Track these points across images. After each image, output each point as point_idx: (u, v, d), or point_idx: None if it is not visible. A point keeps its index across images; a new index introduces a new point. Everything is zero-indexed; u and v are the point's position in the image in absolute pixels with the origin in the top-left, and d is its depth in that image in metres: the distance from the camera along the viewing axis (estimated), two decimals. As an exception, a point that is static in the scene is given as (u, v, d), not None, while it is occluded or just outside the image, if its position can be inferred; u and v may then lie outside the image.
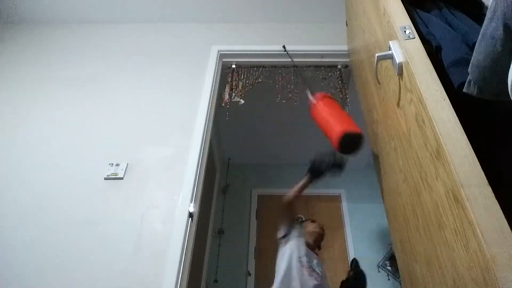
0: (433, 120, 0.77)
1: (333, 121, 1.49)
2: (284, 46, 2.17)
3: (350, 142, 1.39)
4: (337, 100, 2.24)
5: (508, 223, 0.60)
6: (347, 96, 2.23)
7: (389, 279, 3.05)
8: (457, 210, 0.67)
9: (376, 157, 1.44)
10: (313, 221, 1.97)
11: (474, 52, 0.74)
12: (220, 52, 2.17)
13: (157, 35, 2.30)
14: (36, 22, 2.36)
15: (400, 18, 1.02)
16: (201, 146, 1.73)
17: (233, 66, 2.24)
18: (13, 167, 1.69)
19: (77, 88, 2.01)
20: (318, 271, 1.66)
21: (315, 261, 1.70)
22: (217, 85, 2.07)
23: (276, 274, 1.62)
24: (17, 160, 1.71)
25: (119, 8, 2.30)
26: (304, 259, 1.63)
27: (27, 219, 1.51)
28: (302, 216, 2.02)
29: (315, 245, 1.86)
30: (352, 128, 1.39)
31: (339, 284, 2.08)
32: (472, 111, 0.85)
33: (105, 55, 2.19)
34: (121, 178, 1.62)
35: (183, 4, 2.28)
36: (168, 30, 2.32)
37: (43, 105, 1.94)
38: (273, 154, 3.69)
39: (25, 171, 1.67)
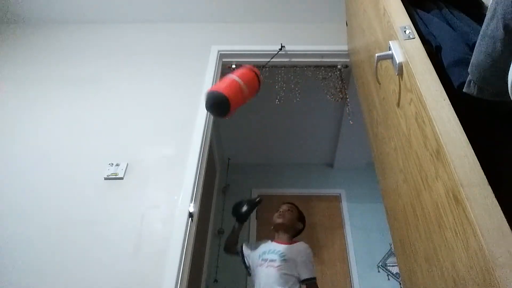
0: (433, 120, 0.77)
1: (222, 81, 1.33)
2: (282, 45, 2.16)
3: (212, 101, 1.23)
4: (337, 100, 2.25)
5: (508, 223, 0.60)
6: (347, 96, 2.24)
7: (389, 279, 3.05)
8: (457, 210, 0.67)
9: (376, 157, 1.44)
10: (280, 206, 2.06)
11: (474, 52, 0.74)
12: (220, 52, 2.17)
13: (157, 35, 2.30)
14: (36, 22, 2.36)
15: (400, 18, 1.02)
16: (201, 146, 1.73)
17: (233, 66, 2.24)
18: (13, 167, 1.69)
19: (77, 88, 2.01)
20: (274, 258, 1.74)
21: (274, 250, 1.79)
22: (217, 85, 2.07)
23: None
24: (16, 160, 1.71)
25: (119, 8, 2.30)
26: (266, 257, 1.77)
27: (27, 219, 1.51)
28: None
29: (277, 233, 1.93)
30: (216, 88, 1.25)
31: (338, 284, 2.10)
32: (472, 111, 0.85)
33: (105, 55, 2.19)
34: (121, 178, 1.62)
35: (183, 4, 2.28)
36: (168, 30, 2.32)
37: (43, 105, 1.94)
38: (273, 154, 3.70)
39: (25, 171, 1.67)
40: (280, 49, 2.14)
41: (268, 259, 1.74)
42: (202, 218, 2.21)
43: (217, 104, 1.22)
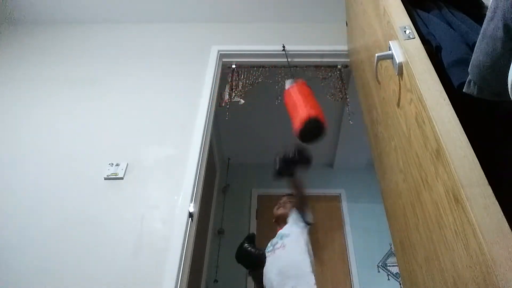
0: (433, 120, 0.77)
1: (302, 105, 1.43)
2: (283, 46, 2.16)
3: (312, 129, 1.34)
4: (337, 100, 2.24)
5: (508, 223, 0.60)
6: (347, 96, 2.23)
7: (389, 279, 3.05)
8: (457, 210, 0.67)
9: (376, 157, 1.44)
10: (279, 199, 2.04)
11: (474, 52, 0.74)
12: (220, 52, 2.17)
13: (157, 35, 2.30)
14: (36, 22, 2.36)
15: (400, 18, 1.02)
16: (201, 146, 1.73)
17: (233, 66, 2.24)
18: (13, 167, 1.69)
19: (77, 88, 2.01)
20: (277, 246, 1.71)
21: (276, 239, 1.76)
22: (217, 85, 2.07)
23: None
24: (17, 160, 1.71)
25: (119, 8, 2.30)
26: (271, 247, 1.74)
27: (27, 219, 1.51)
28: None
29: (281, 221, 1.90)
30: (318, 114, 1.32)
31: (338, 284, 2.08)
32: (472, 111, 0.85)
33: (105, 55, 2.19)
34: (121, 178, 1.62)
35: (183, 4, 2.27)
36: (168, 30, 2.32)
37: (43, 105, 1.94)
38: (273, 154, 3.68)
39: (25, 171, 1.67)
40: (283, 50, 2.15)
41: (274, 247, 1.71)
42: (202, 218, 2.21)
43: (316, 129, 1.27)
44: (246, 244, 1.84)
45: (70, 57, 2.18)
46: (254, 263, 1.76)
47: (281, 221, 1.91)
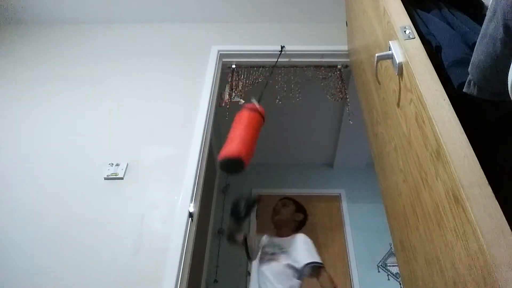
0: (433, 120, 0.77)
1: (230, 138, 1.45)
2: (282, 46, 2.16)
3: (230, 165, 1.36)
4: (337, 100, 2.24)
5: (508, 223, 0.60)
6: (347, 96, 2.23)
7: (389, 279, 3.05)
8: (457, 210, 0.67)
9: (376, 157, 1.44)
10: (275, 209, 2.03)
11: (474, 52, 0.74)
12: (220, 52, 2.17)
13: (157, 35, 2.30)
14: (36, 22, 2.36)
15: (400, 18, 1.02)
16: (201, 146, 1.73)
17: (233, 66, 2.24)
18: (13, 167, 1.69)
19: (77, 88, 2.01)
20: (275, 251, 1.75)
21: (274, 244, 1.80)
22: (217, 85, 2.07)
23: None
24: (17, 160, 1.71)
25: (119, 8, 2.30)
26: (266, 250, 1.77)
27: (27, 219, 1.51)
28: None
29: (279, 230, 1.93)
30: (234, 152, 1.35)
31: (338, 284, 2.08)
32: (472, 111, 0.85)
33: (105, 55, 2.19)
34: (121, 178, 1.62)
35: (183, 4, 2.27)
36: (168, 30, 2.32)
37: (43, 105, 1.93)
38: (273, 154, 3.69)
39: (25, 171, 1.67)
40: (281, 51, 2.15)
41: (269, 253, 1.76)
42: (202, 218, 2.21)
43: (233, 166, 1.32)
44: (242, 203, 1.80)
45: (70, 57, 2.18)
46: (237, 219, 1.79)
47: (280, 226, 1.93)
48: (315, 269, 1.66)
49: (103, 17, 2.35)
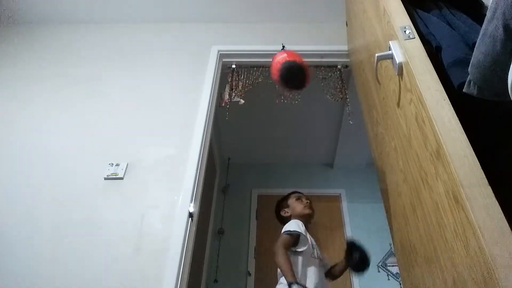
0: (433, 120, 0.77)
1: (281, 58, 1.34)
2: (283, 45, 2.16)
3: (289, 74, 1.28)
4: (337, 100, 2.24)
5: (508, 223, 0.60)
6: (347, 96, 2.23)
7: (389, 279, 3.05)
8: (457, 210, 0.67)
9: (376, 157, 1.44)
10: (298, 198, 1.86)
11: (474, 52, 0.74)
12: (220, 52, 2.17)
13: (157, 35, 2.30)
14: (36, 22, 2.36)
15: (400, 18, 1.02)
16: (201, 146, 1.73)
17: (233, 66, 2.24)
18: (12, 167, 1.69)
19: (77, 88, 2.01)
20: (318, 253, 1.68)
21: (315, 245, 1.70)
22: (217, 85, 2.07)
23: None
24: (16, 160, 1.71)
25: (118, 8, 2.30)
26: (315, 254, 1.64)
27: (27, 219, 1.51)
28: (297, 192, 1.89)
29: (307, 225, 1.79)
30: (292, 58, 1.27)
31: (338, 284, 2.06)
32: (472, 111, 0.85)
33: (105, 55, 2.19)
34: (121, 178, 1.62)
35: (183, 4, 2.27)
36: (168, 30, 2.32)
37: (43, 105, 1.94)
38: (273, 154, 3.70)
39: (25, 171, 1.67)
40: (283, 49, 2.14)
41: (316, 256, 1.64)
42: (202, 218, 2.21)
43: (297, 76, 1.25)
44: None
45: (69, 57, 2.18)
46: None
47: (308, 221, 1.81)
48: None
49: (103, 17, 2.35)
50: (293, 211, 1.80)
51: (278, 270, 1.53)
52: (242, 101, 2.18)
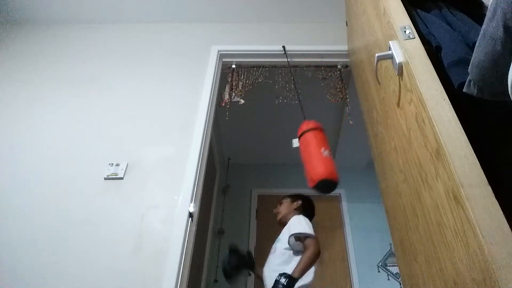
0: (433, 120, 0.77)
1: (317, 160, 1.63)
2: (284, 47, 2.16)
3: (325, 186, 1.57)
4: (337, 100, 2.24)
5: (508, 223, 0.60)
6: (347, 96, 2.23)
7: (389, 279, 3.05)
8: (457, 210, 0.67)
9: (376, 157, 1.44)
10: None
11: (474, 52, 0.74)
12: (220, 52, 2.17)
13: (157, 35, 2.30)
14: (36, 22, 2.36)
15: (400, 18, 1.02)
16: (201, 146, 1.73)
17: (233, 66, 2.24)
18: (13, 167, 1.69)
19: (77, 88, 2.01)
20: (275, 245, 1.79)
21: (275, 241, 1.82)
22: (217, 85, 2.07)
23: None
24: (17, 160, 1.71)
25: (119, 8, 2.30)
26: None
27: (27, 219, 1.51)
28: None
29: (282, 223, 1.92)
30: (331, 174, 1.54)
31: (338, 284, 2.10)
32: (472, 111, 0.85)
33: (105, 55, 2.19)
34: (121, 178, 1.62)
35: (183, 4, 2.27)
36: (168, 30, 2.32)
37: (43, 105, 1.93)
38: (273, 154, 3.69)
39: (25, 172, 1.67)
40: (284, 52, 2.15)
41: (271, 250, 1.79)
42: (202, 218, 2.21)
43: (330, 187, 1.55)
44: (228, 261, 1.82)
45: (69, 57, 2.18)
46: (242, 264, 1.83)
47: (283, 224, 1.92)
48: (302, 240, 1.68)
49: (103, 17, 2.35)
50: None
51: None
52: (242, 101, 2.18)
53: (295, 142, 1.77)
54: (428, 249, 0.86)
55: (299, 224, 1.75)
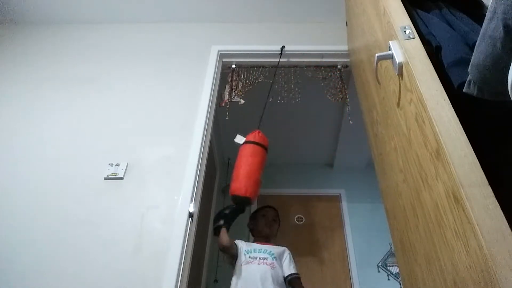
0: (433, 120, 0.77)
1: (242, 173, 1.81)
2: (282, 47, 2.16)
3: (239, 200, 1.78)
4: (337, 100, 2.24)
5: (508, 223, 0.60)
6: (347, 96, 2.23)
7: (389, 279, 3.05)
8: (457, 210, 0.67)
9: (376, 157, 1.44)
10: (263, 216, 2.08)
11: (474, 52, 0.74)
12: (220, 52, 2.17)
13: (157, 35, 2.30)
14: (36, 22, 2.36)
15: (400, 18, 1.02)
16: (201, 146, 1.73)
17: (233, 66, 2.24)
18: (12, 167, 1.69)
19: (77, 88, 2.01)
20: (265, 256, 1.80)
21: (261, 250, 1.84)
22: (217, 85, 2.07)
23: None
24: (16, 160, 1.71)
25: (118, 8, 2.30)
26: (255, 255, 1.81)
27: (27, 219, 1.51)
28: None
29: (266, 238, 1.96)
30: (243, 191, 1.74)
31: (338, 284, 2.11)
32: (472, 111, 0.85)
33: (105, 55, 2.19)
34: (121, 178, 1.62)
35: (183, 4, 2.27)
36: (168, 30, 2.32)
37: (43, 105, 1.94)
38: (273, 154, 3.68)
39: (25, 172, 1.67)
40: (281, 52, 2.15)
41: (258, 257, 1.78)
42: (202, 218, 2.21)
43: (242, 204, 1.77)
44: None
45: (69, 57, 2.18)
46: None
47: (265, 237, 1.96)
48: (294, 280, 1.75)
49: (102, 17, 2.35)
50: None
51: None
52: (242, 101, 2.18)
53: (240, 138, 1.95)
54: (428, 249, 0.87)
55: (294, 264, 1.83)
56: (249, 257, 1.78)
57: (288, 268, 1.78)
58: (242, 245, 1.87)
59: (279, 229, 2.07)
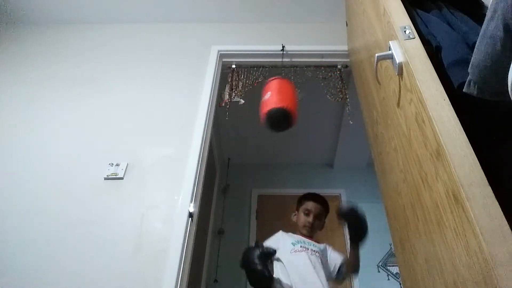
0: (433, 120, 0.77)
1: (268, 99, 1.56)
2: (283, 46, 2.16)
3: (275, 118, 1.47)
4: (337, 100, 2.24)
5: (508, 223, 0.60)
6: (347, 96, 2.23)
7: (389, 279, 3.05)
8: (457, 210, 0.67)
9: (376, 157, 1.44)
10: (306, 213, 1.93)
11: (474, 52, 0.74)
12: (220, 52, 2.17)
13: (157, 35, 2.30)
14: (36, 22, 2.36)
15: (400, 18, 1.02)
16: (201, 146, 1.73)
17: (233, 66, 2.24)
18: (12, 167, 1.69)
19: (77, 88, 2.01)
20: (314, 248, 1.71)
21: (310, 243, 1.75)
22: (217, 85, 2.07)
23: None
24: (16, 160, 1.71)
25: (119, 8, 2.30)
26: (304, 246, 1.70)
27: (27, 219, 1.51)
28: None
29: (310, 232, 1.85)
30: (276, 104, 1.45)
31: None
32: (472, 111, 0.85)
33: (105, 55, 2.19)
34: (121, 178, 1.62)
35: (183, 4, 2.27)
36: (168, 30, 2.32)
37: (43, 105, 1.94)
38: (273, 154, 3.69)
39: (25, 172, 1.67)
40: (282, 52, 2.15)
41: (308, 248, 1.67)
42: (202, 218, 2.21)
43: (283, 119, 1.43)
44: (255, 258, 1.53)
45: (69, 57, 2.18)
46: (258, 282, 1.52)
47: (315, 230, 1.86)
48: (346, 262, 1.75)
49: (103, 17, 2.35)
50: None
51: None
52: (242, 101, 2.18)
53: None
54: (428, 249, 0.87)
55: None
56: (300, 246, 1.66)
57: (339, 254, 1.77)
58: (284, 236, 1.73)
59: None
